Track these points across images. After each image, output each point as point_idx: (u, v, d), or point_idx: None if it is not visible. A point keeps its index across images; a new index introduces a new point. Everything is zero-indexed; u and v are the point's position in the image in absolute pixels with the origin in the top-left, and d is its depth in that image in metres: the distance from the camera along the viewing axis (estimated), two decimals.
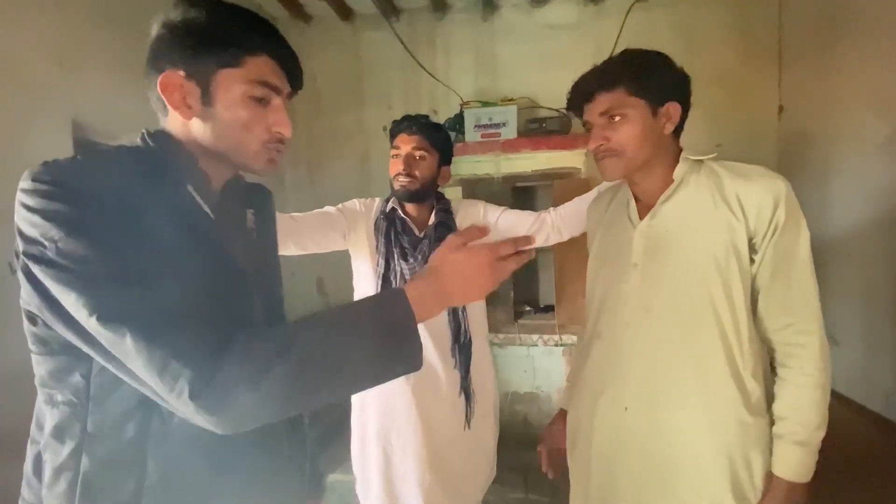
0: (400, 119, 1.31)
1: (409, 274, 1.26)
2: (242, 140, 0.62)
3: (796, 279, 0.80)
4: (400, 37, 2.88)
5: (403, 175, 1.24)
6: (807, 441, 0.79)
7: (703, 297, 0.82)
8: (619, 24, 2.72)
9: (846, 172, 2.16)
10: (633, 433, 0.88)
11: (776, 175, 0.81)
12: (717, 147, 2.71)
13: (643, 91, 0.83)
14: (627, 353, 0.90)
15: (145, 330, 0.48)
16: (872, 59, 1.98)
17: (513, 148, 2.44)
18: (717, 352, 0.82)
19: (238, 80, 0.60)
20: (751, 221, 0.80)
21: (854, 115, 2.09)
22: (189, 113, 0.61)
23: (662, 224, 0.87)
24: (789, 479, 0.80)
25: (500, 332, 2.43)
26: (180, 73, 0.60)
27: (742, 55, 2.68)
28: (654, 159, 0.87)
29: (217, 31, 0.60)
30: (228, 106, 0.61)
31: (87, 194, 0.51)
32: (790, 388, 0.81)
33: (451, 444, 1.31)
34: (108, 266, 0.49)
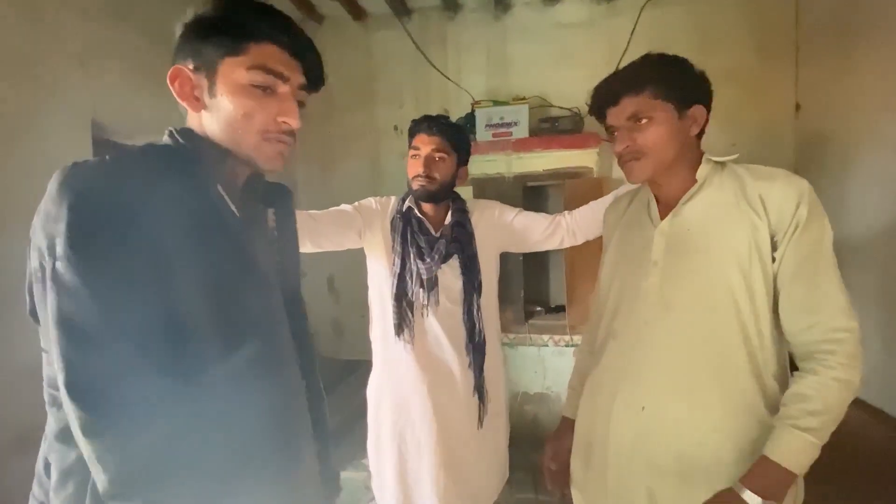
0: (420, 119, 1.30)
1: (424, 273, 1.26)
2: (243, 130, 0.60)
3: (820, 278, 0.78)
4: (412, 36, 2.88)
5: (423, 177, 1.24)
6: (806, 427, 0.74)
7: (725, 295, 0.82)
8: (632, 22, 2.70)
9: (864, 173, 2.12)
10: (652, 433, 0.87)
11: (798, 176, 0.82)
12: (733, 146, 2.68)
13: (670, 94, 0.84)
14: (646, 351, 0.89)
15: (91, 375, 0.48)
16: (891, 58, 1.94)
17: (524, 147, 2.43)
18: (738, 351, 0.82)
19: (240, 66, 0.59)
20: (773, 220, 0.80)
21: (872, 114, 2.05)
22: (198, 105, 0.61)
23: (684, 223, 0.87)
24: (775, 460, 0.75)
25: (510, 331, 2.42)
26: (189, 65, 0.60)
27: (757, 53, 2.64)
28: (678, 161, 0.87)
29: (222, 21, 0.60)
30: (230, 93, 0.59)
31: (108, 208, 0.51)
32: (806, 378, 0.78)
33: (465, 443, 1.31)
34: (88, 305, 0.49)
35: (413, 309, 1.28)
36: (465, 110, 2.70)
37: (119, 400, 0.49)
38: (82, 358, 0.48)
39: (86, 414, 0.48)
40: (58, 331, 0.49)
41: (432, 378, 1.28)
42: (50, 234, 0.50)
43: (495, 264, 1.39)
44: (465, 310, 1.29)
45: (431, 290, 1.28)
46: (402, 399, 1.30)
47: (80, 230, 0.49)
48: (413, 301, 1.27)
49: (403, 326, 1.27)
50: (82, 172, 0.52)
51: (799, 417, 0.75)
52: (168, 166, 0.57)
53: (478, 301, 1.30)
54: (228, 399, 0.57)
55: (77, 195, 0.50)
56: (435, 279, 1.28)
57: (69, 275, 0.48)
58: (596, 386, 1.00)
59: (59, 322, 0.49)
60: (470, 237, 1.31)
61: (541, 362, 2.45)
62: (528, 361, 2.46)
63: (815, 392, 0.76)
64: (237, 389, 0.58)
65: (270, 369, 0.64)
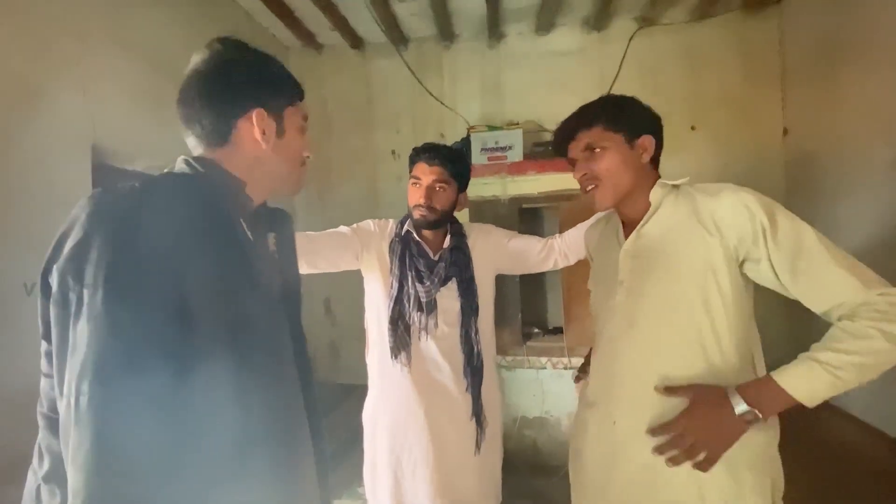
0: (420, 147, 1.32)
1: (423, 296, 1.26)
2: (294, 165, 0.74)
3: (821, 269, 0.79)
4: (408, 64, 2.96)
5: (423, 206, 1.26)
6: (820, 360, 0.74)
7: (683, 311, 0.86)
8: (623, 49, 2.79)
9: (853, 195, 2.16)
10: (625, 447, 0.90)
11: (742, 188, 0.86)
12: (724, 167, 2.73)
13: (619, 126, 0.93)
14: (615, 367, 0.94)
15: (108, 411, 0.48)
16: (875, 82, 2.00)
17: (519, 170, 2.47)
18: (697, 364, 0.85)
19: (298, 114, 0.73)
20: (729, 235, 0.83)
21: (859, 137, 2.11)
22: (265, 144, 0.68)
23: (645, 244, 0.93)
24: (776, 378, 0.77)
25: (508, 354, 2.41)
26: (262, 110, 0.68)
27: (745, 79, 2.72)
28: (636, 187, 0.94)
29: (283, 75, 0.72)
30: (294, 137, 0.73)
31: (141, 237, 0.51)
32: (842, 322, 0.77)
33: (462, 468, 1.29)
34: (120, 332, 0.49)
35: (410, 332, 1.27)
36: (460, 135, 2.76)
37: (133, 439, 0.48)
38: (112, 386, 0.48)
39: (91, 447, 0.47)
40: (88, 357, 0.48)
41: (429, 401, 1.27)
42: (79, 261, 0.50)
43: (491, 287, 1.40)
44: (463, 332, 1.29)
45: (430, 313, 1.28)
46: (398, 423, 1.29)
47: (114, 258, 0.50)
48: (410, 324, 1.27)
49: (400, 349, 1.27)
50: (113, 201, 0.53)
51: (817, 350, 0.76)
52: (193, 195, 0.60)
53: (475, 323, 1.31)
54: (241, 432, 0.57)
55: (110, 224, 0.51)
56: (434, 302, 1.28)
57: (103, 303, 0.48)
58: (582, 399, 1.06)
59: (91, 349, 0.48)
60: (468, 260, 1.33)
61: (539, 385, 2.43)
62: (526, 384, 2.44)
63: (844, 333, 0.76)
64: (257, 418, 0.59)
65: (282, 395, 0.66)
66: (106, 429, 0.47)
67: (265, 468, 0.60)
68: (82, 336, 0.48)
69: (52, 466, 0.58)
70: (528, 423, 2.46)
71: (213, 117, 0.66)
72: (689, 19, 2.73)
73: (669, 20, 2.75)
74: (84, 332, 0.48)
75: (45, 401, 0.60)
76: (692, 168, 2.73)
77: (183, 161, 0.65)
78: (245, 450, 0.57)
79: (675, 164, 2.73)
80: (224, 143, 0.67)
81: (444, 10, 2.63)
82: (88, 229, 0.51)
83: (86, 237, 0.50)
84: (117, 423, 0.47)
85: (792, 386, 0.76)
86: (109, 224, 0.51)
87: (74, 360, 0.48)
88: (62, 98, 1.59)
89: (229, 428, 0.55)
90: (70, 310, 0.50)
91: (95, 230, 0.51)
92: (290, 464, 0.65)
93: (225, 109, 0.66)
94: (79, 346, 0.48)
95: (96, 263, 0.49)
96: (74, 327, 0.49)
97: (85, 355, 0.48)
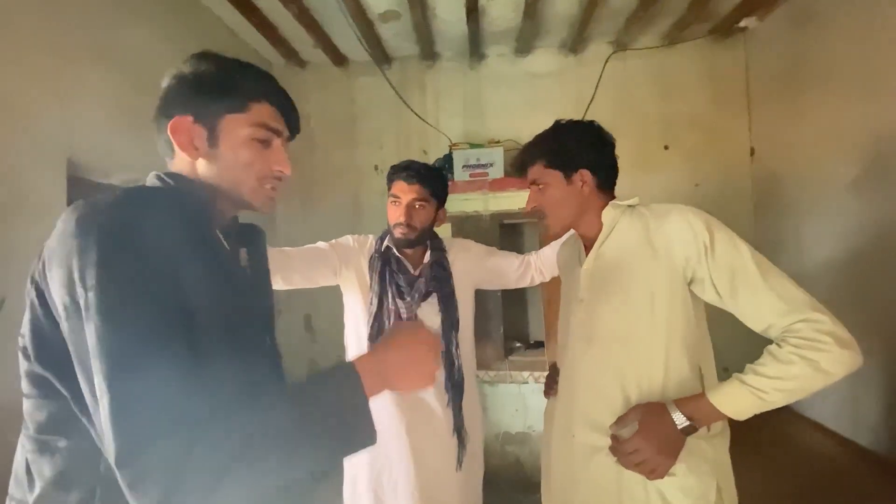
0: (398, 165, 1.32)
1: (405, 312, 1.27)
2: (243, 178, 0.67)
3: (754, 290, 0.83)
4: (391, 82, 3.01)
5: (403, 225, 1.27)
6: (748, 383, 0.80)
7: (634, 329, 0.90)
8: (598, 72, 2.89)
9: (817, 212, 2.26)
10: (583, 460, 0.94)
11: (688, 209, 0.90)
12: (696, 186, 2.84)
13: (556, 163, 0.99)
14: (574, 383, 0.98)
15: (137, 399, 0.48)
16: (835, 103, 2.13)
17: (500, 187, 2.52)
18: (648, 381, 0.89)
19: (243, 123, 0.66)
20: (676, 257, 0.87)
21: (822, 157, 2.22)
22: (196, 154, 0.66)
23: (602, 263, 0.98)
24: (709, 397, 0.82)
25: (490, 368, 2.41)
26: (189, 117, 0.65)
27: (713, 100, 2.85)
28: (582, 214, 1.00)
29: (224, 80, 0.66)
30: (233, 146, 0.66)
31: (132, 239, 0.52)
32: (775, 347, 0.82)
33: (444, 484, 1.28)
34: (131, 322, 0.50)
35: None
36: (443, 152, 2.80)
37: (164, 425, 0.48)
38: (130, 387, 0.48)
39: (133, 443, 0.47)
40: (101, 359, 0.48)
41: (410, 417, 1.26)
42: (81, 267, 0.50)
43: (471, 301, 1.41)
44: (444, 348, 1.29)
45: None
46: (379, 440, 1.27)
47: (112, 256, 0.50)
48: None
49: None
50: (99, 208, 0.53)
51: (746, 374, 0.82)
52: (170, 202, 0.59)
53: (456, 338, 1.31)
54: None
55: (101, 227, 0.51)
56: (415, 318, 1.28)
57: (109, 303, 0.49)
58: (548, 414, 1.13)
59: (102, 350, 0.48)
60: (448, 275, 1.34)
61: (522, 400, 2.43)
62: (508, 399, 2.44)
63: (772, 357, 0.81)
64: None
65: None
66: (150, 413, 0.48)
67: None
68: (100, 335, 0.48)
69: (42, 491, 0.55)
70: (511, 439, 2.45)
71: (156, 128, 0.67)
72: (660, 44, 2.86)
73: (642, 45, 2.87)
74: (100, 331, 0.48)
75: (30, 423, 0.57)
76: (667, 185, 2.83)
77: (154, 176, 0.65)
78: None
79: (650, 181, 2.84)
80: (172, 155, 0.67)
81: (427, 30, 2.70)
82: (82, 235, 0.51)
83: (79, 244, 0.50)
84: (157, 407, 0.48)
85: (721, 403, 0.82)
86: (100, 226, 0.51)
87: (98, 361, 0.48)
88: (38, 111, 1.56)
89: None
90: (81, 316, 0.50)
91: (88, 234, 0.51)
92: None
93: (161, 119, 0.66)
94: (98, 346, 0.48)
95: (97, 265, 0.49)
96: (88, 329, 0.49)
97: (109, 352, 0.48)
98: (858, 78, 1.98)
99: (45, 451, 0.55)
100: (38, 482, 0.55)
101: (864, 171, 1.96)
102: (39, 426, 0.56)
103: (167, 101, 0.66)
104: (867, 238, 1.96)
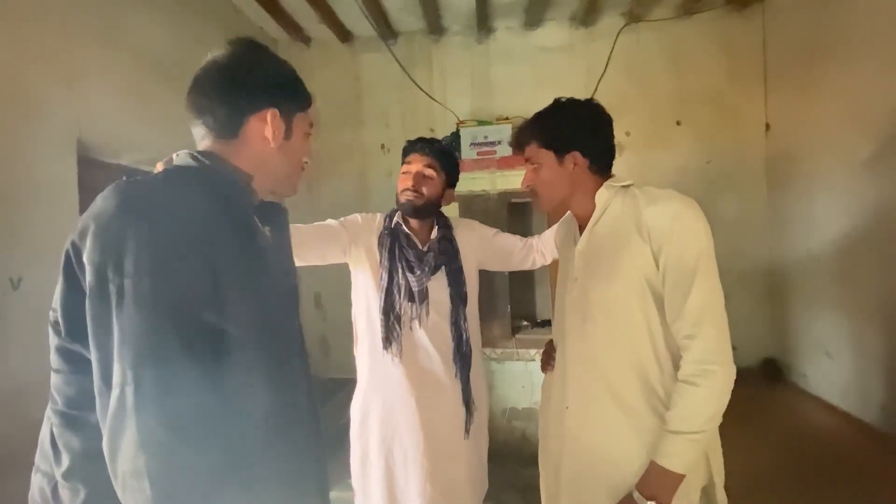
0: (415, 140, 1.37)
1: (415, 285, 1.30)
2: (295, 167, 0.77)
3: (691, 290, 0.85)
4: (397, 58, 2.96)
5: (410, 190, 1.30)
6: (678, 430, 0.84)
7: (621, 309, 0.93)
8: (610, 45, 2.81)
9: (832, 189, 2.22)
10: (573, 430, 0.99)
11: (682, 198, 0.91)
12: (708, 163, 2.78)
13: (549, 144, 1.01)
14: (568, 358, 1.02)
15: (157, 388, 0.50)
16: (854, 78, 2.06)
17: (508, 165, 2.49)
18: (635, 361, 0.92)
19: (306, 121, 0.76)
20: (654, 242, 0.90)
21: (838, 133, 2.17)
22: (271, 144, 0.71)
23: (595, 243, 1.00)
24: (659, 462, 0.85)
25: (497, 346, 2.44)
26: (276, 110, 0.70)
27: (729, 75, 2.77)
28: (573, 194, 1.03)
29: (295, 80, 0.75)
30: (300, 139, 0.76)
31: (172, 224, 0.54)
32: (678, 386, 0.87)
33: (452, 454, 1.32)
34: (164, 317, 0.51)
35: (401, 322, 1.30)
36: (450, 130, 2.77)
37: (191, 415, 0.50)
38: (156, 372, 0.50)
39: (158, 427, 0.49)
40: (129, 347, 0.49)
41: (420, 389, 1.29)
42: (118, 253, 0.51)
43: (475, 279, 1.44)
44: (453, 320, 1.32)
45: (423, 302, 1.31)
46: (389, 413, 1.30)
47: (153, 248, 0.51)
48: (401, 314, 1.29)
49: (391, 340, 1.29)
50: (141, 193, 0.55)
51: (669, 421, 0.85)
52: (211, 186, 0.61)
53: (464, 311, 1.34)
54: (269, 411, 0.60)
55: (142, 214, 0.53)
56: (426, 291, 1.31)
57: (150, 290, 0.50)
58: (545, 388, 1.18)
59: (144, 336, 0.50)
60: (455, 251, 1.36)
61: (528, 377, 2.46)
62: (515, 377, 2.47)
63: (678, 395, 0.86)
64: (276, 402, 0.61)
65: (296, 383, 0.70)
66: (170, 409, 0.49)
67: (284, 448, 0.63)
68: (132, 325, 0.50)
69: (72, 463, 0.57)
70: (517, 415, 2.50)
71: (227, 110, 0.67)
72: (675, 16, 2.76)
73: (656, 16, 2.78)
74: (133, 321, 0.50)
75: (59, 397, 0.59)
76: (679, 162, 2.78)
77: (188, 155, 0.65)
78: (269, 428, 0.60)
79: (662, 157, 2.79)
80: (232, 137, 0.68)
81: (433, 3, 2.63)
82: (121, 221, 0.52)
83: (120, 229, 0.51)
84: (178, 403, 0.50)
85: (673, 463, 0.84)
86: (141, 214, 0.52)
87: (126, 350, 0.49)
88: (47, 92, 1.57)
89: (257, 407, 0.59)
90: (111, 301, 0.50)
91: (128, 221, 0.52)
92: (301, 448, 0.69)
93: (241, 104, 0.68)
94: (128, 334, 0.50)
95: (136, 252, 0.50)
96: (120, 317, 0.50)
97: (138, 343, 0.50)
98: (880, 52, 1.91)
99: (74, 425, 0.57)
100: (66, 455, 0.57)
101: (882, 147, 1.91)
102: (69, 400, 0.58)
103: (249, 84, 0.68)
104: (881, 216, 1.92)
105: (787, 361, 2.60)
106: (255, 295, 0.60)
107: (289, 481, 0.63)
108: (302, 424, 0.70)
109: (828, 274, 2.25)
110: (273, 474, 0.60)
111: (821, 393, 2.29)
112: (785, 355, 2.62)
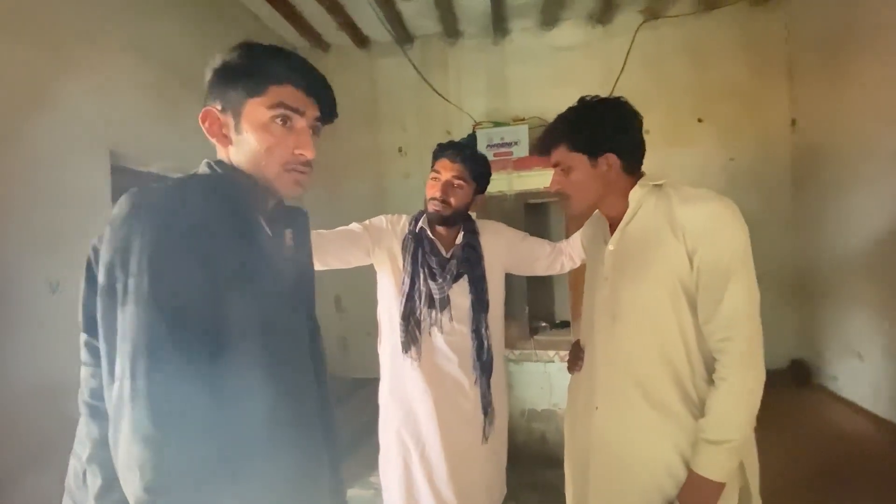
0: (445, 144, 1.34)
1: (437, 293, 1.29)
2: (267, 163, 0.67)
3: (720, 291, 0.84)
4: (413, 62, 2.99)
5: (439, 201, 1.28)
6: (716, 440, 0.83)
7: (653, 309, 0.91)
8: (628, 43, 2.78)
9: (862, 184, 2.15)
10: (602, 431, 0.98)
11: (718, 198, 0.88)
12: (731, 161, 2.72)
13: (581, 147, 0.97)
14: (598, 357, 1.01)
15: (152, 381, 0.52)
16: (882, 71, 1.99)
17: (525, 165, 2.48)
18: (665, 360, 0.90)
19: (261, 106, 0.66)
20: (689, 242, 0.88)
21: (867, 127, 2.09)
22: (225, 141, 0.68)
23: (627, 242, 0.98)
24: (700, 472, 0.84)
25: (515, 347, 2.43)
26: (217, 106, 0.67)
27: (751, 70, 2.71)
28: (606, 196, 1.00)
29: (247, 66, 0.66)
30: (254, 130, 0.66)
31: (180, 229, 0.55)
32: (712, 391, 0.86)
33: (470, 459, 1.32)
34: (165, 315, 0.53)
35: (421, 328, 1.30)
36: (466, 132, 2.78)
37: (183, 409, 0.52)
38: (165, 364, 0.52)
39: (150, 419, 0.50)
40: (129, 343, 0.52)
41: (438, 394, 1.30)
42: (125, 253, 0.54)
43: (501, 284, 1.42)
44: (474, 328, 1.31)
45: (444, 309, 1.30)
46: (408, 415, 1.32)
47: (156, 248, 0.54)
48: (421, 320, 1.30)
49: (410, 345, 1.29)
50: (150, 198, 0.57)
51: (705, 430, 0.84)
52: (218, 192, 0.63)
53: (485, 319, 1.33)
54: (265, 409, 0.61)
55: (149, 217, 0.55)
56: (447, 298, 1.31)
57: (149, 288, 0.52)
58: (572, 388, 1.16)
59: (142, 332, 0.52)
60: (479, 258, 1.35)
61: (547, 378, 2.45)
62: (534, 378, 2.46)
63: (713, 402, 0.85)
64: (273, 401, 0.62)
65: (297, 383, 0.70)
66: (162, 403, 0.51)
67: (281, 446, 0.64)
68: (132, 321, 0.52)
69: (92, 450, 0.62)
70: (537, 416, 2.48)
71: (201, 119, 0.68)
72: (695, 11, 2.72)
73: (675, 12, 2.74)
74: (133, 317, 0.52)
75: (85, 389, 0.64)
76: (700, 160, 2.73)
77: (205, 164, 0.68)
78: (264, 425, 0.61)
79: (683, 156, 2.75)
80: (221, 143, 0.69)
81: (449, 7, 2.65)
82: (131, 223, 0.55)
83: (129, 230, 0.54)
84: (172, 399, 0.52)
85: (713, 472, 0.83)
86: (148, 218, 0.55)
87: (125, 345, 0.52)
88: (79, 103, 1.64)
89: (251, 404, 0.60)
90: (117, 298, 0.54)
91: (137, 224, 0.54)
92: (302, 446, 0.69)
93: (203, 111, 0.68)
94: (128, 330, 0.52)
95: (140, 253, 0.53)
96: (123, 313, 0.53)
97: (136, 338, 0.52)
98: None
99: (95, 415, 0.61)
100: (89, 442, 0.62)
101: None
102: (92, 392, 0.62)
103: (206, 93, 0.69)
104: None
105: (815, 363, 2.53)
106: (253, 296, 0.61)
107: (286, 478, 0.64)
108: (303, 423, 0.70)
109: (858, 273, 2.17)
110: (268, 471, 0.61)
111: (851, 396, 2.21)
112: (813, 357, 2.54)
